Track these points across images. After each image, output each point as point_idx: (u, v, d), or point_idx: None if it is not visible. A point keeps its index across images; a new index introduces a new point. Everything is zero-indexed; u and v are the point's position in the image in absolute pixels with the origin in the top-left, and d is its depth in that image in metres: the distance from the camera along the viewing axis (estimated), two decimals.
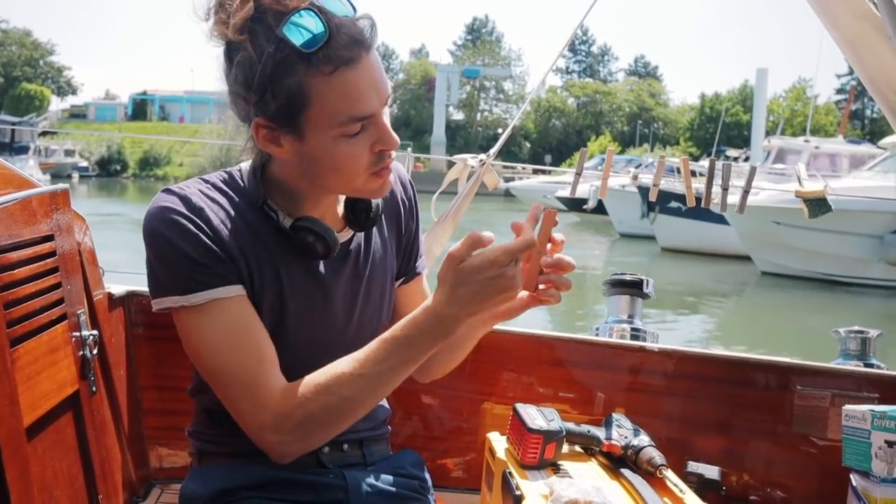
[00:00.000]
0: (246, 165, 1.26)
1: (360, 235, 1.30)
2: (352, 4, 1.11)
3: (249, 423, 1.15)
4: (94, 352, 1.43)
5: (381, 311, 1.34)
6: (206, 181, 1.22)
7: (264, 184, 1.23)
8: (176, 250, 1.14)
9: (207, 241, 1.15)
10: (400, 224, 1.39)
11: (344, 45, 1.07)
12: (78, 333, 1.39)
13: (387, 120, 1.15)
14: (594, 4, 2.06)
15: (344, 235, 1.27)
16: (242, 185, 1.23)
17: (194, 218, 1.15)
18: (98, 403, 1.47)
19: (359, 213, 1.27)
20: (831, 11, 1.58)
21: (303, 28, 1.06)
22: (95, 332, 1.44)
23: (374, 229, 1.32)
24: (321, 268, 1.25)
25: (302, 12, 1.06)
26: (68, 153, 44.62)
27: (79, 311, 1.40)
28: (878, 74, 1.60)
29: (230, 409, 1.17)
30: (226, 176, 1.24)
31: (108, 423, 1.52)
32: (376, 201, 1.27)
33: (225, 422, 1.20)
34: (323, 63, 1.06)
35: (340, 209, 1.29)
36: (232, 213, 1.19)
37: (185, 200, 1.16)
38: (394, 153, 1.19)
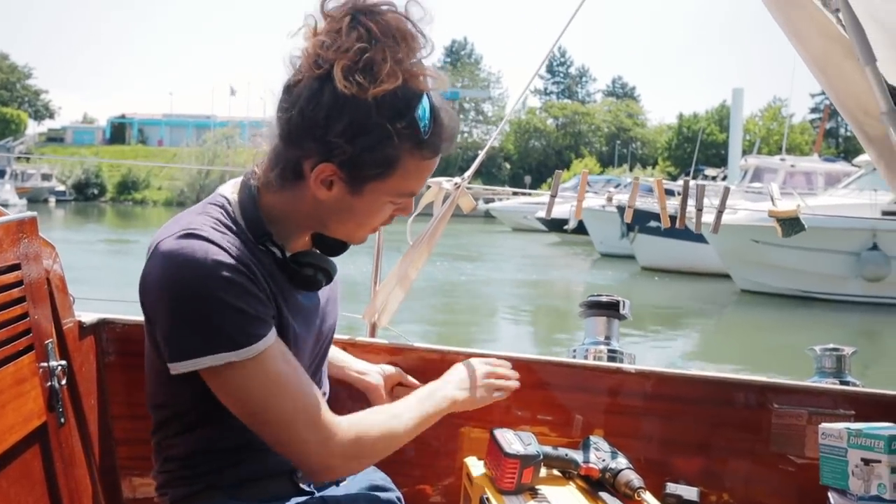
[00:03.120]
0: (229, 195, 1.22)
1: None
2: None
3: (315, 454, 1.16)
4: (63, 382, 1.41)
5: (338, 311, 1.42)
6: (210, 216, 1.17)
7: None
8: (227, 306, 1.08)
9: (254, 286, 1.12)
10: None
11: (445, 139, 1.15)
12: (46, 364, 1.37)
13: None
14: (569, 24, 2.07)
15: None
16: (235, 218, 1.19)
17: (236, 265, 1.10)
18: (67, 435, 1.44)
19: (333, 242, 1.29)
20: (800, 33, 1.59)
21: (427, 113, 1.11)
22: (64, 361, 1.42)
23: None
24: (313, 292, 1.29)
25: (430, 98, 1.12)
26: (45, 177, 44.30)
27: (47, 342, 1.38)
28: (848, 95, 1.61)
29: (287, 445, 1.16)
30: (222, 210, 1.19)
31: (77, 455, 1.49)
32: None
33: (202, 460, 1.20)
34: (426, 148, 1.13)
35: None
36: (246, 250, 1.15)
37: (218, 246, 1.11)
38: None
